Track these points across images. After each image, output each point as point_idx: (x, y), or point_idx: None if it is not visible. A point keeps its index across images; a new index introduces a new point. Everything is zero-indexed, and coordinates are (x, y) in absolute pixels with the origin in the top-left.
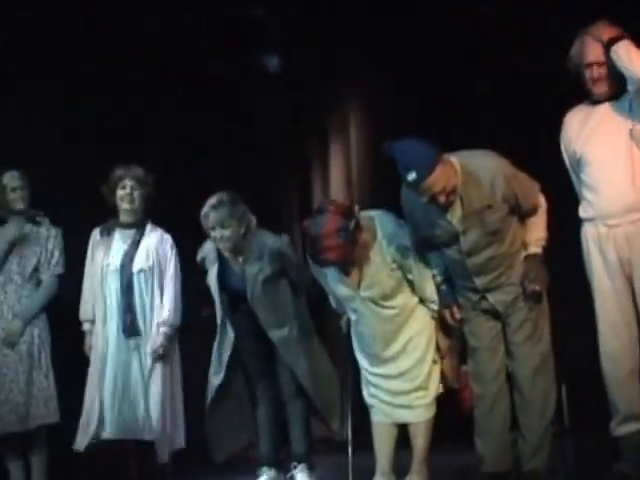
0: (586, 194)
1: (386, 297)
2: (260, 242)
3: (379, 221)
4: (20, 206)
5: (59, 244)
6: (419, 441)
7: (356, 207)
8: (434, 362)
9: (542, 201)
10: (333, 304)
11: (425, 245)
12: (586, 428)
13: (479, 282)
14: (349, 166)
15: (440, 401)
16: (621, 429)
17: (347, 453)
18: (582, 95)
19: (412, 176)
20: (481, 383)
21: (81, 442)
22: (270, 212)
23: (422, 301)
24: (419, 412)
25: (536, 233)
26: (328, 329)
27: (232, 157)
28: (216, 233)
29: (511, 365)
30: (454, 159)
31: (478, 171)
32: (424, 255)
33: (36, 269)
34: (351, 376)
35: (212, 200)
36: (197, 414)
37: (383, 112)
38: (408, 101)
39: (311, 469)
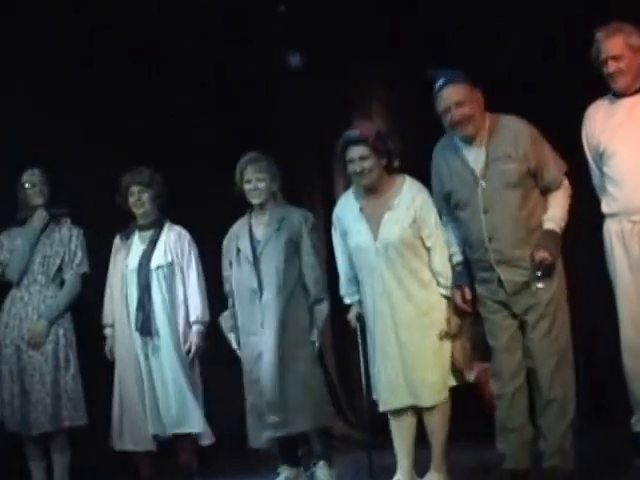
0: (610, 189)
1: (401, 253)
2: (281, 214)
3: (408, 178)
4: (39, 201)
5: (82, 243)
6: (436, 435)
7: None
8: (441, 341)
9: (566, 183)
10: (343, 288)
11: (447, 207)
12: (606, 424)
13: (493, 247)
14: None
15: (460, 398)
16: None
17: (366, 451)
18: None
19: (440, 82)
20: (500, 382)
21: (123, 442)
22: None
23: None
24: (429, 392)
25: (555, 211)
26: None
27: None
28: (251, 185)
29: (530, 364)
30: (488, 113)
31: (506, 124)
32: (444, 230)
33: (60, 269)
34: (365, 374)
35: (249, 154)
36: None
37: (405, 107)
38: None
39: (331, 466)
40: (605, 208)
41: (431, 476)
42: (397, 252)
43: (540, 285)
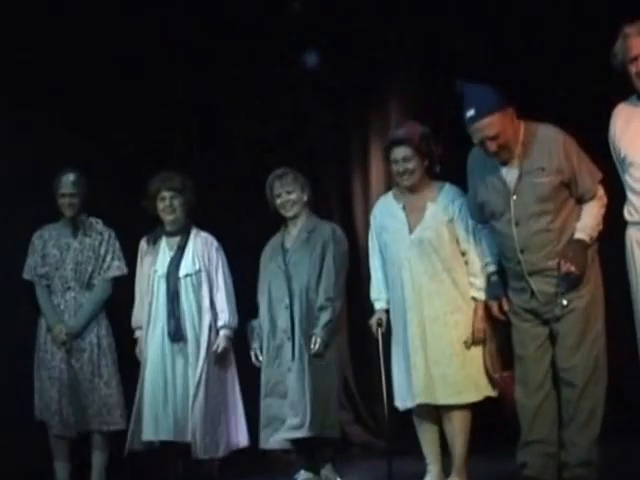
0: (631, 196)
1: (436, 248)
2: (312, 225)
3: (448, 184)
4: (68, 213)
5: (112, 247)
6: (456, 442)
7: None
8: (467, 348)
9: (601, 193)
10: (374, 292)
11: (481, 216)
12: (630, 435)
13: (525, 259)
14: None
15: (483, 407)
16: None
17: (386, 458)
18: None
19: (470, 113)
20: (525, 392)
21: (136, 444)
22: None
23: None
24: (449, 392)
25: (587, 220)
26: None
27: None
28: (281, 199)
29: (560, 375)
30: (523, 122)
31: (540, 135)
32: (480, 237)
33: (91, 276)
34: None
35: (276, 171)
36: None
37: (423, 110)
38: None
39: (335, 467)
40: (627, 215)
41: None
42: (432, 247)
43: (565, 302)
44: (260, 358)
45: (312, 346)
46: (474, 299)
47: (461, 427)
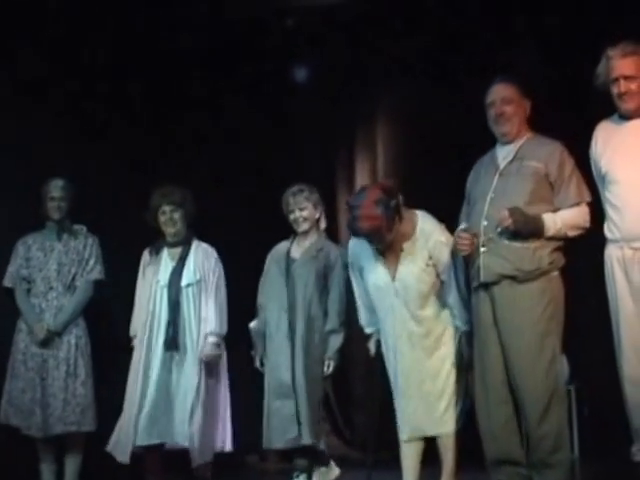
0: (611, 214)
1: (418, 297)
2: (321, 245)
3: (421, 216)
4: (55, 216)
5: (95, 251)
6: (447, 456)
7: (400, 195)
8: (452, 372)
9: (585, 210)
10: (362, 318)
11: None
12: (606, 454)
13: (485, 224)
14: (375, 178)
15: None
16: None
17: (364, 470)
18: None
19: (496, 79)
20: (483, 413)
21: (125, 453)
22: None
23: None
24: (444, 424)
25: (560, 213)
26: None
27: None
28: (295, 215)
29: (518, 396)
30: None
31: (543, 140)
32: (460, 266)
33: (74, 278)
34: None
35: (294, 187)
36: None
37: (410, 125)
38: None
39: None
40: (607, 233)
41: None
42: (416, 292)
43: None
44: (264, 361)
45: (325, 369)
46: (457, 328)
47: (454, 438)
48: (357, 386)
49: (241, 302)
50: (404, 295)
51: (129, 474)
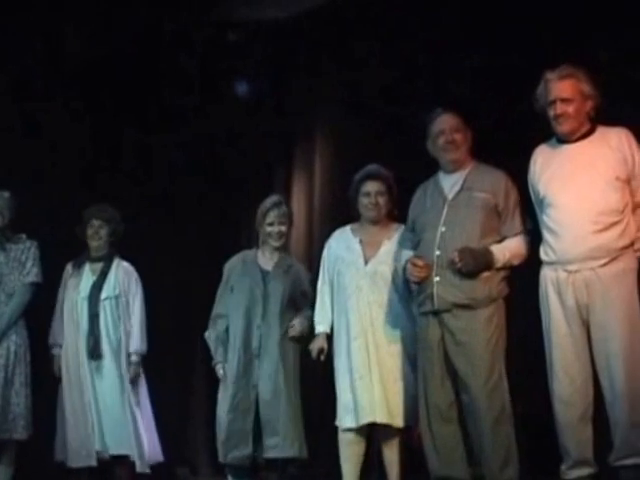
0: (547, 237)
1: (388, 281)
2: (290, 262)
3: (403, 226)
4: None
5: (32, 255)
6: (394, 465)
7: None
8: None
9: (524, 239)
10: (319, 314)
11: (411, 238)
12: (540, 472)
13: (438, 254)
14: (312, 196)
15: None
16: (572, 473)
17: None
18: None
19: (438, 110)
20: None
21: (90, 456)
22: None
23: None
24: (400, 413)
25: (505, 243)
26: None
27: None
28: (274, 228)
29: (467, 415)
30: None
31: (488, 169)
32: None
33: (16, 285)
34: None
35: (272, 198)
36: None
37: (348, 143)
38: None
39: None
40: (543, 255)
41: None
42: (384, 279)
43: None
44: (226, 373)
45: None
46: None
47: (399, 449)
48: None
49: (160, 319)
50: (373, 278)
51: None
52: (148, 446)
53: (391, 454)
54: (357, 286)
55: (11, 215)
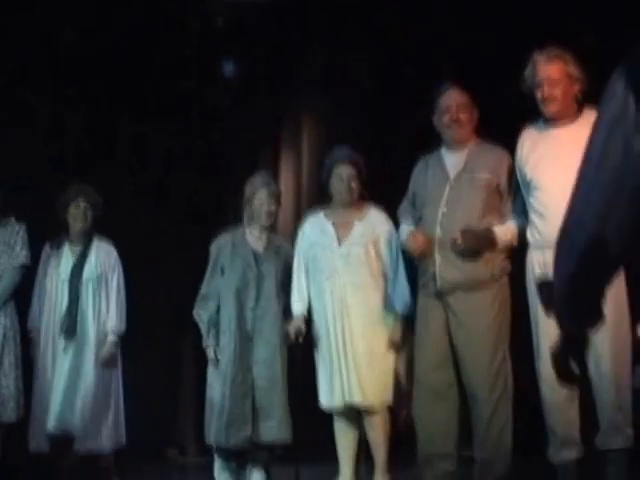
0: (534, 219)
1: (363, 263)
2: (279, 242)
3: (372, 206)
4: None
5: (22, 238)
6: (379, 445)
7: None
8: (386, 350)
9: (516, 228)
10: (297, 294)
11: (411, 210)
12: (525, 455)
13: (440, 234)
14: (300, 177)
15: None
16: (558, 455)
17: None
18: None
19: (446, 84)
20: (421, 403)
21: (41, 442)
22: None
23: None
24: (374, 394)
25: (507, 224)
26: None
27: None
28: (264, 208)
29: (469, 393)
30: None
31: (491, 147)
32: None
33: (5, 267)
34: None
35: (261, 177)
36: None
37: (335, 125)
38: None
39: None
40: (530, 237)
41: None
42: (359, 260)
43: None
44: (218, 355)
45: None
46: (394, 313)
47: (385, 428)
48: None
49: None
50: (347, 259)
51: (48, 465)
52: (110, 430)
53: (375, 436)
54: (333, 268)
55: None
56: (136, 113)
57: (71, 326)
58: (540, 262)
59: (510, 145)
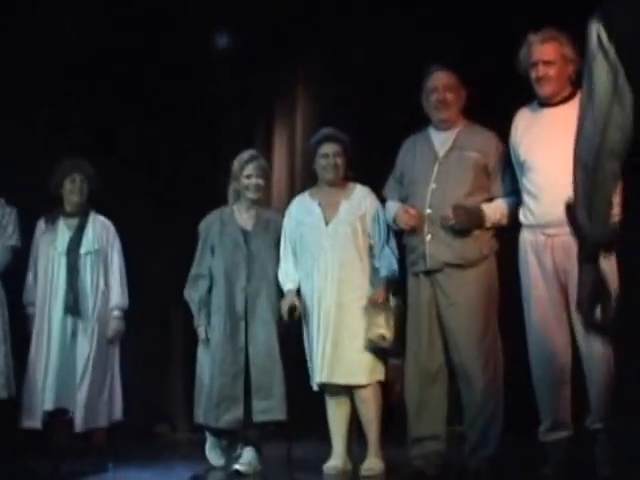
0: (527, 200)
1: (351, 240)
2: (267, 215)
3: (358, 184)
4: None
5: (13, 220)
6: (371, 421)
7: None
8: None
9: (514, 200)
10: (285, 274)
11: (398, 188)
12: (513, 433)
13: (429, 212)
14: (294, 151)
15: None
16: (549, 435)
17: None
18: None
19: (433, 66)
20: (412, 385)
21: (35, 418)
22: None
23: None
24: (363, 371)
25: (497, 202)
26: None
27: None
28: (251, 181)
29: (460, 372)
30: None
31: (480, 129)
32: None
33: None
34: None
35: (249, 152)
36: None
37: (329, 100)
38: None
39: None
40: (522, 218)
41: (369, 462)
42: (347, 238)
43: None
44: (209, 335)
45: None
46: (382, 279)
47: (376, 405)
48: None
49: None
50: (334, 237)
51: (40, 441)
52: (106, 404)
53: (366, 411)
54: (321, 247)
55: None
56: (137, 101)
57: (75, 304)
58: (532, 243)
59: (503, 128)
